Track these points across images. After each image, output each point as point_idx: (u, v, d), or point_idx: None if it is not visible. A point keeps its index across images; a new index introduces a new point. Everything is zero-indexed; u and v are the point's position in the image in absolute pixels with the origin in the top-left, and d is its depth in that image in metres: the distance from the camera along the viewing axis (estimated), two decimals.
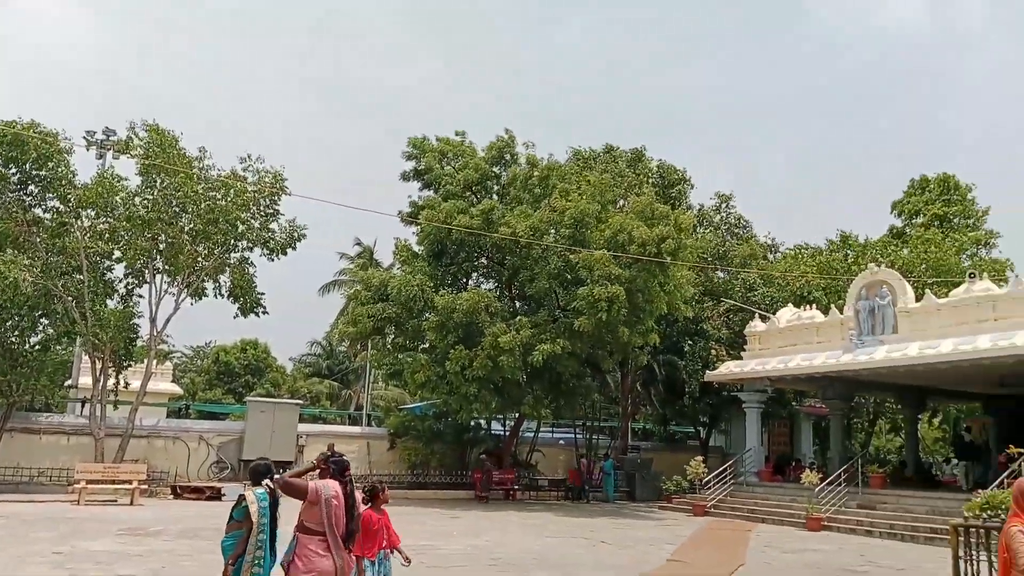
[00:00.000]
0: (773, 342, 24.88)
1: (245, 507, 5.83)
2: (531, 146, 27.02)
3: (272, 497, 5.96)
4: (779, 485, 24.22)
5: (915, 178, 38.56)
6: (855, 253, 31.56)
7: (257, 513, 5.80)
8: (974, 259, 32.24)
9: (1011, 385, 21.40)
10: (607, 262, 22.07)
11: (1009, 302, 18.55)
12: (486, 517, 19.86)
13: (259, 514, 5.81)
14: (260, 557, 5.81)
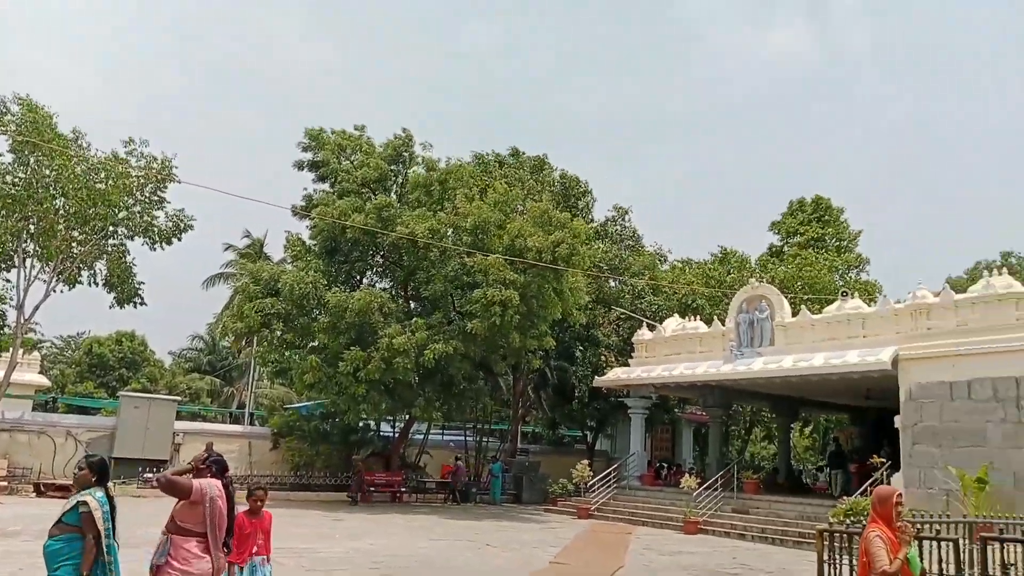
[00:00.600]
0: (659, 350, 25.66)
1: (82, 512, 5.49)
2: (428, 147, 26.89)
3: (111, 502, 5.68)
4: (660, 489, 24.98)
5: (793, 200, 40.66)
6: (736, 268, 33.00)
7: (101, 519, 5.50)
8: (846, 279, 34.28)
9: (876, 398, 22.81)
10: (502, 267, 22.22)
11: (877, 320, 19.78)
12: (370, 520, 19.58)
13: (103, 520, 5.52)
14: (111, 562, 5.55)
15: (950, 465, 16.57)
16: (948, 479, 16.41)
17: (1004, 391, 16.55)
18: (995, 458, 16.28)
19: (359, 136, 27.05)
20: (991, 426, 16.66)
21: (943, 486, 16.74)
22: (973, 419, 16.96)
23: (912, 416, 18.03)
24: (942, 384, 17.58)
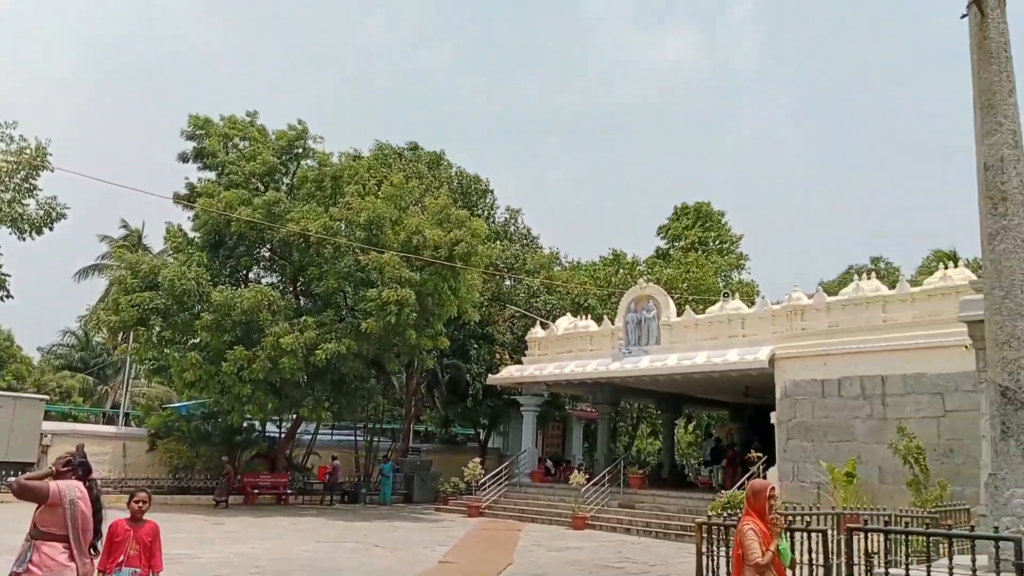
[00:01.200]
0: (552, 348, 25.99)
1: None
2: (320, 140, 26.18)
3: None
4: (549, 486, 25.31)
5: (678, 205, 42.12)
6: (625, 269, 33.89)
7: None
8: (728, 280, 35.76)
9: (754, 395, 23.85)
10: (398, 265, 21.94)
11: (755, 320, 20.68)
12: (254, 523, 18.97)
13: None
14: None
15: (821, 459, 17.50)
16: (819, 472, 17.31)
17: (871, 389, 17.61)
18: (862, 452, 17.30)
19: (249, 123, 26.06)
20: (858, 422, 17.69)
21: (814, 479, 17.65)
22: (842, 415, 17.97)
23: (787, 412, 18.95)
24: (814, 382, 18.55)
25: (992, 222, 6.97)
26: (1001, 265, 6.86)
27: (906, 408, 16.89)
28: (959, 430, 15.83)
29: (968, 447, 15.09)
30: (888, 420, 16.95)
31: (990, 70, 7.13)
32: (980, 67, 7.21)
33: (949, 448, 16.04)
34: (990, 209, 6.99)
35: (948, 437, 16.15)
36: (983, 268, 7.27)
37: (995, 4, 7.17)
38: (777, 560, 5.58)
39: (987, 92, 7.13)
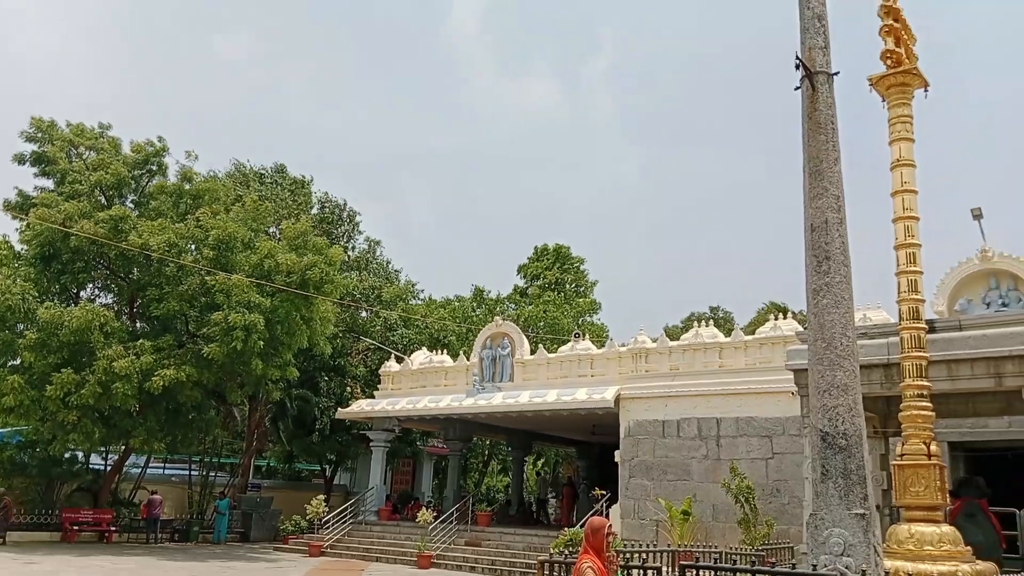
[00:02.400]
0: (405, 383, 25.71)
1: None
2: (194, 157, 24.97)
3: None
4: (396, 524, 24.84)
5: (539, 246, 43.15)
6: (487, 306, 34.25)
7: None
8: (582, 322, 36.82)
9: (601, 433, 24.51)
10: (247, 288, 21.08)
11: (604, 361, 21.35)
12: (72, 563, 17.45)
13: None
14: None
15: (660, 497, 18.18)
16: (658, 510, 17.97)
17: (707, 430, 18.53)
18: (698, 491, 18.12)
19: (99, 134, 24.42)
20: (695, 462, 18.54)
21: (654, 517, 18.30)
22: (681, 455, 18.78)
23: (630, 451, 19.59)
24: (656, 422, 19.31)
25: (816, 279, 7.54)
26: (823, 319, 7.42)
27: (738, 449, 17.88)
28: (785, 471, 16.91)
29: (793, 487, 16.13)
30: (722, 460, 17.86)
31: (819, 139, 7.78)
32: (810, 136, 7.85)
33: (776, 488, 17.08)
34: (815, 267, 7.57)
35: (775, 478, 17.20)
36: (807, 321, 7.85)
37: (824, 80, 7.85)
38: None
39: (815, 159, 7.76)
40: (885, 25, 9.76)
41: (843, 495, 6.80)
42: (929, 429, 9.18)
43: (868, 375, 10.07)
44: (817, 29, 7.88)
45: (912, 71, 9.74)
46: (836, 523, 6.74)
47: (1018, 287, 15.77)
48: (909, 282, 9.59)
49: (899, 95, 9.84)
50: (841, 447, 6.98)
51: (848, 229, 7.74)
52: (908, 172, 9.75)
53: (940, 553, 8.50)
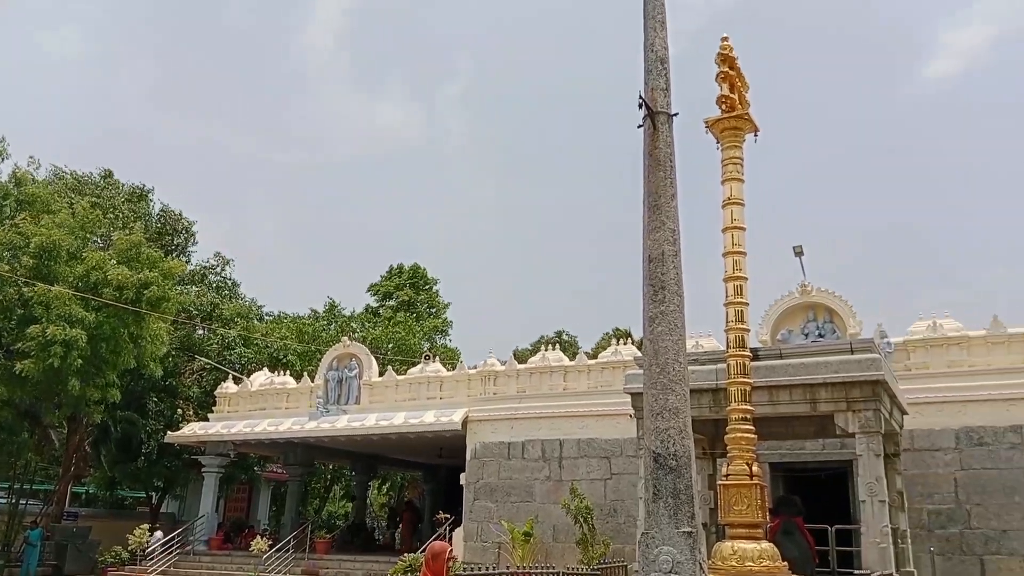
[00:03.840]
0: (243, 405, 24.61)
1: None
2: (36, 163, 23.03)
3: None
4: (228, 553, 23.60)
5: (393, 265, 42.77)
6: (338, 325, 33.46)
7: None
8: (433, 344, 36.71)
9: (448, 456, 24.44)
10: (70, 301, 19.53)
11: (453, 383, 21.36)
12: None
13: None
14: None
15: (504, 519, 18.31)
16: (501, 532, 18.08)
17: (550, 451, 18.89)
18: (540, 512, 18.40)
19: None
20: (538, 483, 18.84)
21: (496, 539, 18.39)
22: (524, 476, 19.04)
23: (475, 473, 19.65)
24: (502, 444, 19.50)
25: (652, 307, 7.90)
26: (658, 345, 7.77)
27: (579, 470, 18.34)
28: (622, 491, 17.50)
29: (629, 507, 16.72)
30: (563, 481, 18.25)
31: (658, 175, 8.18)
32: (650, 172, 8.24)
33: (614, 508, 17.64)
34: (651, 296, 7.93)
35: (613, 498, 17.76)
36: (644, 347, 8.20)
37: (665, 120, 8.29)
38: None
39: (654, 194, 8.15)
40: (721, 72, 10.47)
41: (672, 514, 7.10)
42: (752, 451, 9.81)
43: (698, 399, 10.64)
44: (659, 71, 8.31)
45: (744, 116, 10.49)
46: (665, 541, 7.02)
47: (833, 320, 17.21)
48: (736, 312, 10.25)
49: (732, 138, 10.56)
50: (672, 468, 7.30)
51: (683, 261, 8.19)
52: (738, 210, 10.46)
53: (760, 568, 9.07)
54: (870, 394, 10.64)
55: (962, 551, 14.43)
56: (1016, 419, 14.59)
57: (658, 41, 8.36)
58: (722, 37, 10.59)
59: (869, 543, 10.21)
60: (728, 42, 10.54)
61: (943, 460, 14.97)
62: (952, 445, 14.97)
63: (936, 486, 14.89)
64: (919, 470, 14.89)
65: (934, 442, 15.07)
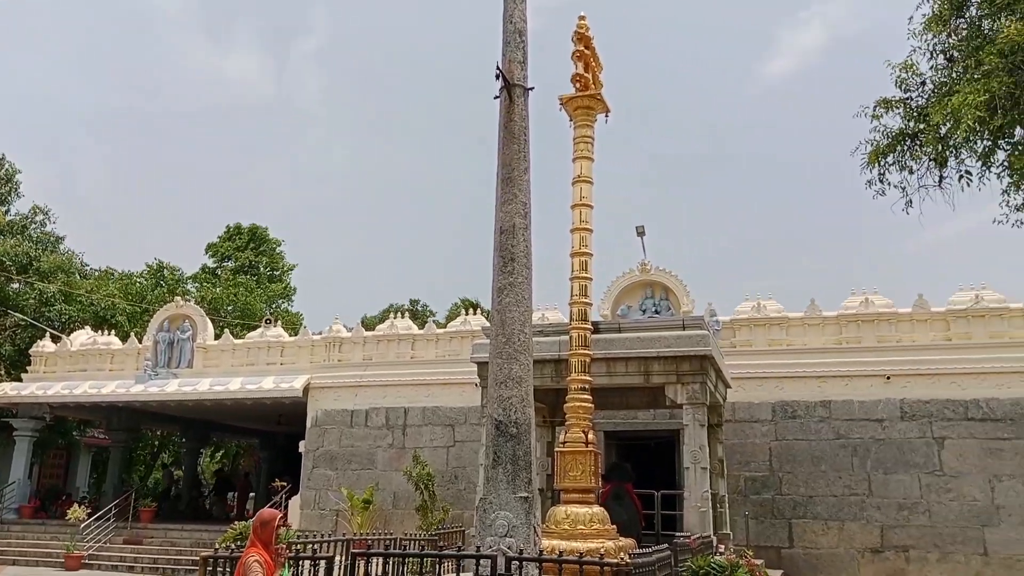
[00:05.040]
0: (62, 365, 22.84)
1: None
2: None
3: None
4: (42, 522, 21.95)
5: (231, 224, 40.82)
6: (170, 284, 31.58)
7: None
8: (275, 308, 35.46)
9: (288, 424, 23.80)
10: None
11: (295, 349, 20.76)
12: None
13: None
14: None
15: (343, 487, 18.11)
16: (340, 500, 17.89)
17: (394, 419, 18.82)
18: (381, 479, 18.34)
19: None
20: (380, 451, 18.75)
21: (334, 507, 18.18)
22: (367, 444, 18.88)
23: (315, 441, 19.28)
24: (344, 412, 19.22)
25: (501, 278, 7.98)
26: (505, 315, 7.87)
27: (423, 438, 18.40)
28: (465, 459, 17.74)
29: (470, 474, 16.97)
30: (407, 449, 18.26)
31: (512, 148, 8.23)
32: (505, 144, 8.28)
33: (455, 475, 17.85)
34: (501, 267, 8.01)
35: (455, 465, 17.97)
36: (491, 317, 8.29)
37: (521, 93, 8.33)
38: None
39: (508, 167, 8.20)
40: (577, 50, 10.64)
41: (511, 480, 7.26)
42: (589, 419, 10.19)
43: (541, 369, 10.91)
44: (517, 43, 8.33)
45: (596, 96, 10.74)
46: (503, 506, 7.18)
47: (669, 297, 18.10)
48: (580, 287, 10.56)
49: (584, 117, 10.79)
50: (512, 435, 7.45)
51: (533, 234, 8.32)
52: (587, 188, 10.74)
53: (591, 531, 9.47)
54: (698, 368, 11.30)
55: (773, 515, 15.71)
56: (826, 395, 15.98)
57: (517, 13, 8.37)
58: (579, 16, 10.76)
59: (691, 507, 10.90)
60: (585, 21, 10.72)
61: (760, 431, 16.19)
62: (769, 417, 16.21)
63: (753, 455, 16.09)
64: (739, 440, 16.02)
65: (753, 414, 16.26)
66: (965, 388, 15.22)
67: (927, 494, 14.99)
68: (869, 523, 15.17)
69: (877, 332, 16.28)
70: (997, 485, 14.67)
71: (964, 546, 14.60)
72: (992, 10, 8.41)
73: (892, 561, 14.92)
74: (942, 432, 15.16)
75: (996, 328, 15.67)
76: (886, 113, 9.54)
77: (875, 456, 15.40)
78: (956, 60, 8.87)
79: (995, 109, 8.00)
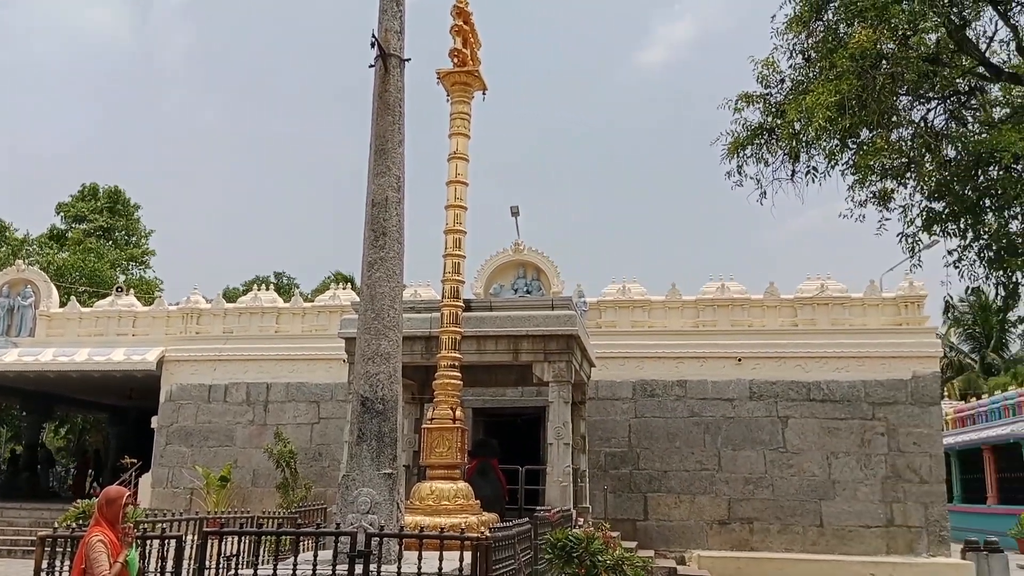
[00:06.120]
0: None
1: None
2: None
3: None
4: None
5: (87, 184, 38.10)
6: (12, 245, 29.19)
7: None
8: (129, 275, 33.44)
9: (140, 398, 22.57)
10: None
11: (149, 320, 19.67)
12: None
13: None
14: None
15: (199, 464, 17.40)
16: (195, 478, 17.18)
17: (256, 395, 18.22)
18: (240, 457, 17.74)
19: None
20: (240, 427, 18.11)
21: (189, 485, 17.46)
22: (226, 420, 18.20)
23: (169, 417, 18.41)
24: (202, 386, 18.43)
25: (372, 252, 7.84)
26: (375, 290, 7.75)
27: (286, 414, 17.92)
28: (329, 436, 17.42)
29: (335, 452, 16.71)
30: (268, 426, 17.74)
31: (386, 120, 8.07)
32: (379, 116, 8.11)
33: (319, 452, 17.52)
34: (372, 241, 7.86)
35: (319, 442, 17.62)
36: (361, 292, 8.13)
37: (397, 64, 8.17)
38: (125, 571, 5.27)
39: (382, 138, 8.04)
40: (455, 25, 10.54)
41: (375, 457, 7.20)
42: (457, 396, 10.22)
43: (411, 346, 10.84)
44: (394, 13, 8.16)
45: (474, 73, 10.68)
46: (366, 483, 7.11)
47: (540, 278, 18.38)
48: (453, 264, 10.54)
49: (461, 93, 10.71)
50: (378, 411, 7.37)
51: (406, 209, 8.20)
52: (462, 165, 10.69)
53: (455, 507, 9.52)
54: (565, 347, 11.55)
55: (630, 489, 16.35)
56: (682, 375, 16.73)
57: None
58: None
59: (552, 482, 11.17)
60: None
61: (621, 409, 16.77)
62: (629, 396, 16.81)
63: (614, 432, 16.66)
64: (601, 417, 16.55)
65: (615, 392, 16.82)
66: (808, 371, 16.32)
67: (771, 469, 16.01)
68: (718, 496, 16.07)
69: (731, 317, 17.16)
70: (833, 461, 15.87)
71: (803, 518, 15.72)
72: (847, 16, 8.95)
73: (738, 532, 15.88)
74: (786, 412, 16.22)
75: (838, 316, 16.87)
76: (747, 107, 10.00)
77: (725, 433, 16.30)
78: (813, 61, 9.40)
79: (844, 110, 8.54)
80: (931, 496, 15.57)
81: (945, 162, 9.35)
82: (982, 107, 9.97)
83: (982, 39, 9.62)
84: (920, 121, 9.83)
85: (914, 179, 9.50)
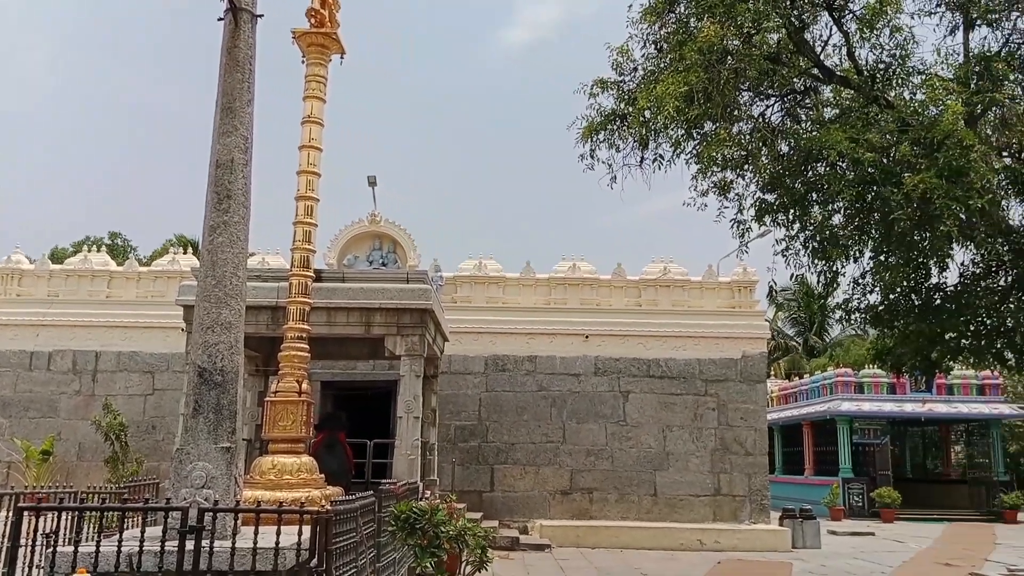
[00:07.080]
0: None
1: None
2: None
3: None
4: None
5: None
6: None
7: None
8: None
9: None
10: None
11: None
12: None
13: None
14: None
15: (17, 436, 16.11)
16: (13, 451, 15.91)
17: (83, 364, 17.02)
18: (64, 429, 16.56)
19: None
20: (65, 397, 16.89)
21: (6, 458, 16.16)
22: (49, 390, 16.91)
23: None
24: (23, 353, 17.02)
25: (215, 216, 7.46)
26: (217, 256, 7.39)
27: (117, 385, 16.87)
28: (164, 407, 16.57)
29: (170, 424, 15.91)
30: (97, 396, 16.64)
31: (235, 77, 7.67)
32: (227, 72, 7.69)
33: (153, 425, 16.64)
34: (215, 204, 7.48)
35: (153, 415, 16.72)
36: (201, 257, 7.74)
37: (248, 19, 7.77)
38: None
39: (229, 96, 7.64)
40: None
41: (212, 430, 6.90)
42: (304, 369, 9.95)
43: (256, 316, 10.47)
44: None
45: (332, 35, 10.33)
46: (201, 456, 6.81)
47: (396, 250, 18.19)
48: (304, 232, 10.21)
49: (317, 55, 10.34)
50: (217, 383, 7.07)
51: (254, 172, 7.85)
52: (316, 129, 10.34)
53: (297, 481, 9.30)
54: (418, 321, 11.51)
55: (478, 461, 16.61)
56: (533, 351, 17.11)
57: None
58: None
59: (400, 455, 11.15)
60: None
61: (473, 383, 16.96)
62: (481, 370, 17.02)
63: (465, 405, 16.84)
64: (453, 391, 16.67)
65: (468, 367, 16.98)
66: (649, 348, 17.12)
67: (611, 442, 16.73)
68: (561, 468, 16.63)
69: (581, 295, 17.70)
70: (668, 434, 16.77)
71: (639, 488, 16.55)
72: (698, 10, 9.35)
73: (578, 502, 16.51)
74: (628, 387, 16.96)
75: (678, 297, 17.76)
76: (602, 92, 10.28)
77: (571, 407, 16.85)
78: (664, 52, 9.77)
79: (692, 101, 8.94)
80: (754, 467, 16.79)
81: (779, 156, 10.00)
82: (815, 106, 10.71)
83: (818, 42, 10.31)
84: (759, 116, 10.45)
85: (751, 171, 10.10)
